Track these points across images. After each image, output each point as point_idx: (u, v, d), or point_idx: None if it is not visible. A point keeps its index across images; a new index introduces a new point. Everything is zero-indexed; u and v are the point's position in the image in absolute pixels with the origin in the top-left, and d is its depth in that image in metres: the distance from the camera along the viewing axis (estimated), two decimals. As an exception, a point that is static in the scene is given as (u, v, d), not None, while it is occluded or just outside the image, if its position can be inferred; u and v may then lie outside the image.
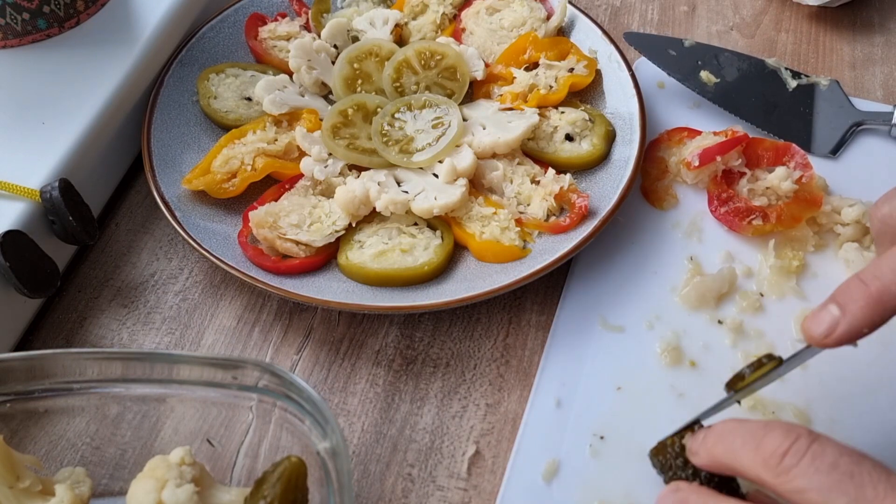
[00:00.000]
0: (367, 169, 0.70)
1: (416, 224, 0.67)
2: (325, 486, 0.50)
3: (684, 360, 0.61)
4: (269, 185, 0.69)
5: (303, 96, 0.75)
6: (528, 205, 0.68)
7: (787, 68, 0.78)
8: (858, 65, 0.82)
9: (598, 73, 0.75)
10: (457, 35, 0.79)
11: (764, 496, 0.48)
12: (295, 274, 0.64)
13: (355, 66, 0.75)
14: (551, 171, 0.69)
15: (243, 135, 0.71)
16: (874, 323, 0.46)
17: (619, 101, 0.73)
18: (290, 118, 0.73)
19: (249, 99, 0.75)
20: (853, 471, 0.42)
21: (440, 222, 0.67)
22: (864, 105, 0.77)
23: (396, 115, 0.71)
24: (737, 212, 0.67)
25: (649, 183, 0.72)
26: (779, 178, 0.68)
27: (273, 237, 0.64)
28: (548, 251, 0.64)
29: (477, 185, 0.69)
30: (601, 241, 0.68)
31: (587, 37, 0.78)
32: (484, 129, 0.71)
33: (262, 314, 0.66)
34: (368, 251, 0.65)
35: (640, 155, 0.68)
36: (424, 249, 0.65)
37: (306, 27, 0.81)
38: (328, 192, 0.69)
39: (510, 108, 0.73)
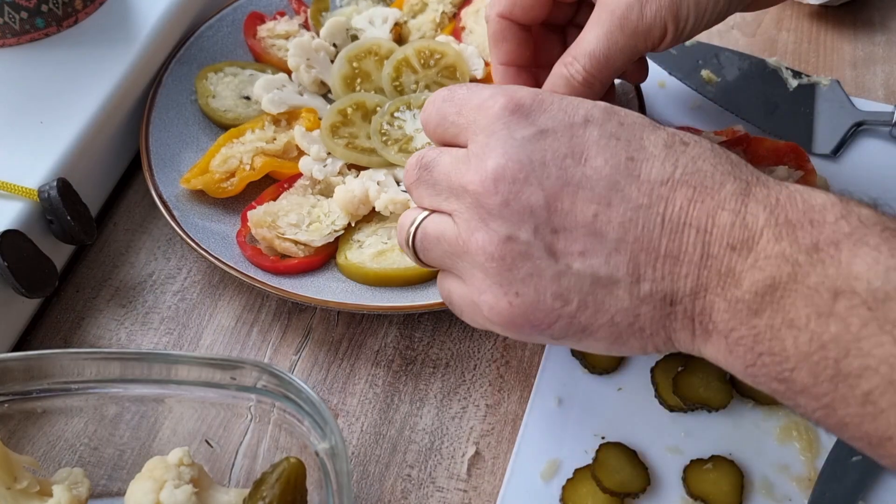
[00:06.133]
0: (366, 168, 0.70)
1: (415, 224, 0.67)
2: (324, 487, 0.50)
3: (685, 361, 0.61)
4: (268, 185, 0.69)
5: (301, 95, 0.75)
6: (528, 204, 0.68)
7: (787, 68, 0.78)
8: (860, 64, 0.82)
9: (599, 73, 0.75)
10: (456, 34, 0.79)
11: None
12: (294, 274, 0.64)
13: (354, 64, 0.75)
14: (551, 170, 0.68)
15: (242, 134, 0.71)
16: None
17: (620, 101, 0.73)
18: (288, 117, 0.73)
19: (248, 98, 0.75)
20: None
21: (440, 222, 0.66)
22: (865, 105, 0.76)
23: (396, 114, 0.71)
24: (737, 211, 0.67)
25: (650, 182, 0.71)
26: (780, 178, 0.67)
27: (272, 237, 0.64)
28: (548, 251, 0.64)
29: (477, 184, 0.69)
30: (601, 240, 0.67)
31: (587, 36, 0.77)
32: (484, 128, 0.70)
33: (261, 314, 0.66)
34: (368, 251, 0.64)
35: (641, 154, 0.68)
36: (424, 249, 0.64)
37: (305, 26, 0.81)
38: (327, 192, 0.69)
39: (510, 108, 0.72)
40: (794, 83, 0.77)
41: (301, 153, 0.71)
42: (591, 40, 0.51)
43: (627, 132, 0.44)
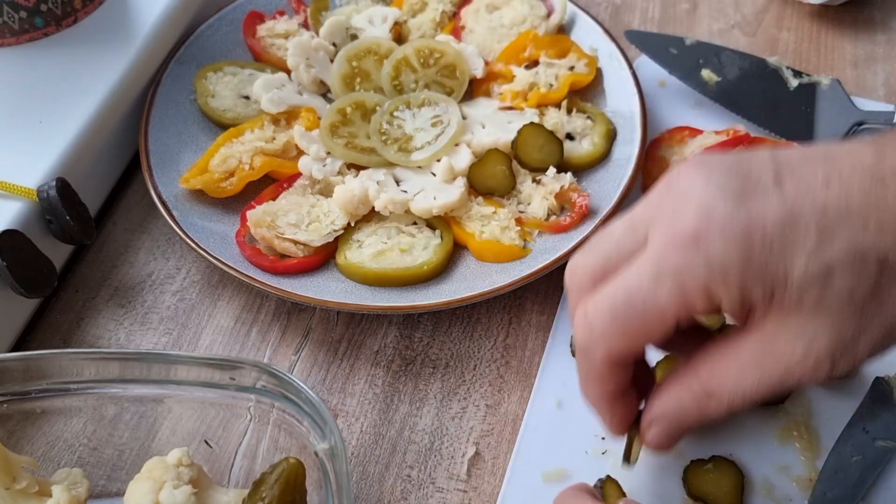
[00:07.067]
0: (365, 168, 0.69)
1: (415, 223, 0.67)
2: (323, 487, 0.50)
3: (685, 361, 0.61)
4: (267, 184, 0.69)
5: (301, 95, 0.74)
6: (529, 204, 0.68)
7: (788, 67, 0.78)
8: (860, 63, 0.82)
9: (599, 72, 0.75)
10: (456, 33, 0.78)
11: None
12: (293, 273, 0.64)
13: (354, 64, 0.75)
14: (552, 169, 0.68)
15: (241, 133, 0.70)
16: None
17: (620, 100, 0.73)
18: (288, 117, 0.73)
19: (247, 97, 0.75)
20: None
21: (439, 222, 0.66)
22: (865, 104, 0.76)
23: (395, 114, 0.71)
24: (738, 211, 0.67)
25: (651, 182, 0.71)
26: (780, 178, 0.67)
27: (271, 236, 0.64)
28: (548, 251, 0.64)
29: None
30: (601, 240, 0.67)
31: (588, 35, 0.77)
32: (483, 127, 0.70)
33: (260, 314, 0.66)
34: (367, 251, 0.64)
35: (642, 154, 0.68)
36: (423, 249, 0.64)
37: (305, 25, 0.81)
38: (326, 192, 0.69)
39: (510, 108, 0.72)
40: (794, 82, 0.77)
41: (300, 153, 0.70)
42: (742, 380, 0.43)
43: None
